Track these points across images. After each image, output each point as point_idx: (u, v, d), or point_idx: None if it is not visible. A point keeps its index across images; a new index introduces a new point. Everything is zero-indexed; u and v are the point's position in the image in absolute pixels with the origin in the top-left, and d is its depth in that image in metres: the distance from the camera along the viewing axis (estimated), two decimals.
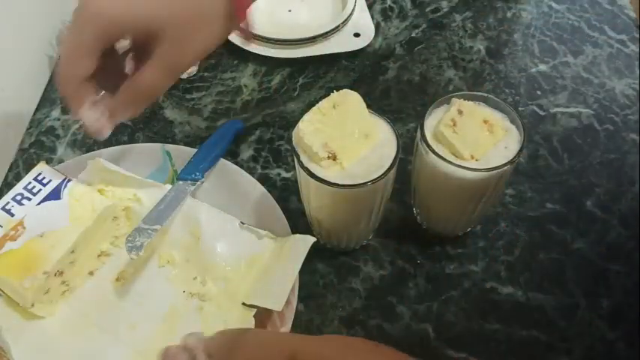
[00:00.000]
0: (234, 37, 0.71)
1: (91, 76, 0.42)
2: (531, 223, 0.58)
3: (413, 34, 0.75)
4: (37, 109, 0.68)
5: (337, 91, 0.48)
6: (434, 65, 0.72)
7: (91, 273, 0.52)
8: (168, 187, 0.54)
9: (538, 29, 0.75)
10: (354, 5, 0.74)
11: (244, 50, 0.71)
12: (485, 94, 0.50)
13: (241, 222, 0.52)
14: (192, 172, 0.56)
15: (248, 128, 0.65)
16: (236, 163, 0.59)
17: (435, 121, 0.49)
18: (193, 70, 0.47)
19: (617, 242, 0.56)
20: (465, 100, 0.49)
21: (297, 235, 0.51)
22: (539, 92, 0.69)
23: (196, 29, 0.39)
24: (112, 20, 0.37)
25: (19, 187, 0.52)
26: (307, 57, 0.71)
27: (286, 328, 0.47)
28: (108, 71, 0.44)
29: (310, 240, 0.49)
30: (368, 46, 0.72)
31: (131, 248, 0.48)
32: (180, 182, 0.55)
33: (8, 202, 0.51)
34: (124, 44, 0.44)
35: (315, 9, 0.76)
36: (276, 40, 0.71)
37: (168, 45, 0.38)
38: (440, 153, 0.47)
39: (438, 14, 0.77)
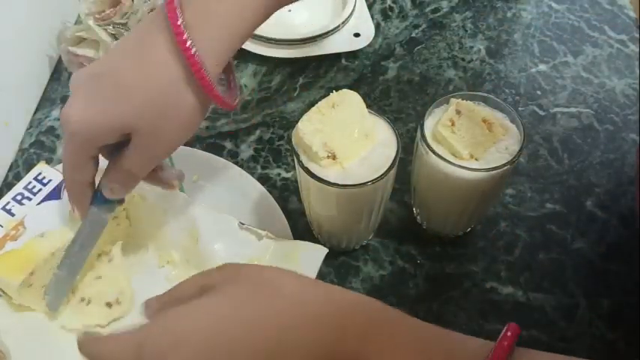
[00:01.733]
0: None
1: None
2: (531, 223, 0.58)
3: (413, 34, 0.75)
4: (37, 109, 0.68)
5: (337, 91, 0.48)
6: (434, 65, 0.72)
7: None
8: None
9: (538, 29, 0.75)
10: (354, 5, 0.74)
11: (244, 50, 0.71)
12: (485, 94, 0.50)
13: (240, 222, 0.52)
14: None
15: (248, 128, 0.65)
16: (236, 163, 0.59)
17: (434, 121, 0.49)
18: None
19: (617, 242, 0.56)
20: (464, 100, 0.49)
21: (308, 244, 0.51)
22: (539, 92, 0.69)
23: (166, 122, 0.42)
24: (90, 135, 0.41)
25: (19, 187, 0.52)
26: (307, 57, 0.71)
27: None
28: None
29: (323, 251, 0.49)
30: (368, 46, 0.72)
31: (51, 302, 0.48)
32: (95, 209, 0.46)
33: (8, 202, 0.52)
34: None
35: (315, 9, 0.76)
36: (276, 40, 0.71)
37: (143, 137, 0.42)
38: (440, 153, 0.47)
39: (438, 14, 0.77)
